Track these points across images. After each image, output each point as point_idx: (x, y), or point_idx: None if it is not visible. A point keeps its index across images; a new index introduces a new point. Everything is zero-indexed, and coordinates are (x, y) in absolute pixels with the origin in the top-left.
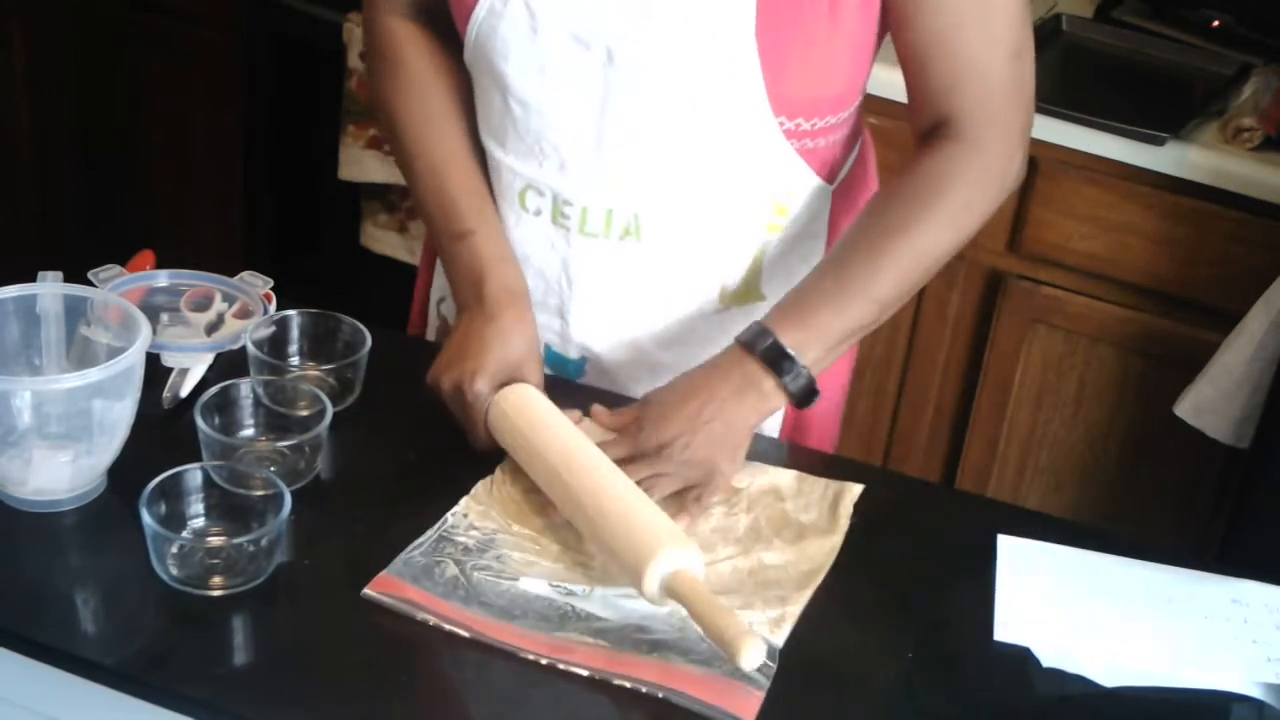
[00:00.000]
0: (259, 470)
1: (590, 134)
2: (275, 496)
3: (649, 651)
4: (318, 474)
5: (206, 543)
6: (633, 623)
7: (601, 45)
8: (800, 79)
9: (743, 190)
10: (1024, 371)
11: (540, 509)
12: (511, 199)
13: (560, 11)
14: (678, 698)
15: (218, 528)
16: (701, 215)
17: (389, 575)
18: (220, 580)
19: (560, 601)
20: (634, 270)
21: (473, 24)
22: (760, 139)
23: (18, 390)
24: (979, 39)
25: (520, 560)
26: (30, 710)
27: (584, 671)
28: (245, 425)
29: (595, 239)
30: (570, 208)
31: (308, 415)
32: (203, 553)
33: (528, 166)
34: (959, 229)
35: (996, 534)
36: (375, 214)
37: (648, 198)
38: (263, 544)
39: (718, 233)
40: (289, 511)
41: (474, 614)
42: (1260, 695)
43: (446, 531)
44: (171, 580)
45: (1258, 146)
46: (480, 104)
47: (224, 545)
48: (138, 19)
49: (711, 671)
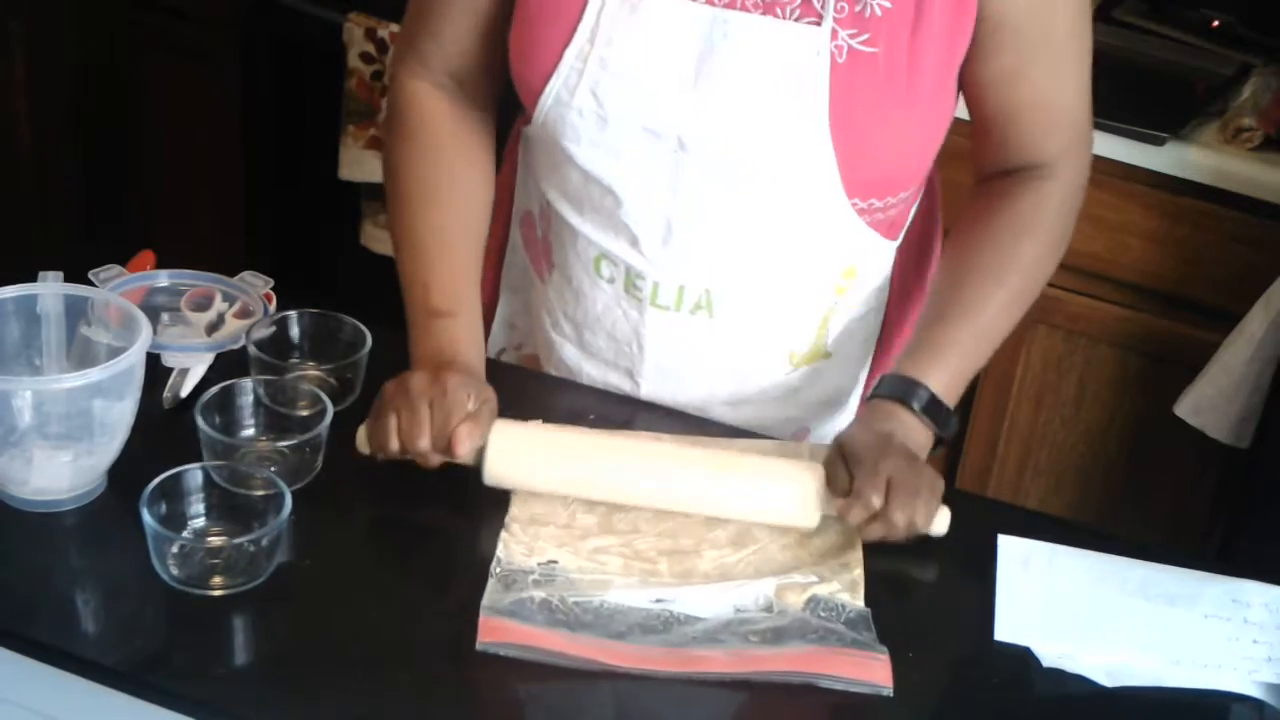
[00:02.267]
0: (259, 470)
1: (663, 216)
2: (276, 496)
3: (770, 641)
4: (318, 474)
5: (207, 543)
6: (732, 618)
7: (673, 135)
8: (875, 164)
9: (814, 263)
10: (1024, 371)
11: (581, 537)
12: (586, 264)
13: (629, 103)
14: (822, 680)
15: (218, 528)
16: (773, 289)
17: (493, 620)
18: (220, 580)
19: (657, 609)
20: (705, 340)
21: (540, 108)
22: (833, 219)
23: (18, 390)
24: (1064, 87)
25: (593, 580)
26: (30, 710)
27: (727, 677)
28: (246, 425)
29: (667, 311)
30: (643, 280)
31: (308, 415)
32: (203, 553)
33: (602, 237)
34: (1056, 259)
35: (996, 534)
36: (375, 214)
37: (720, 275)
38: (263, 544)
39: (788, 303)
40: (289, 512)
41: (591, 641)
42: (1260, 695)
43: (505, 572)
44: (171, 580)
45: (1258, 146)
46: (553, 171)
47: (224, 545)
48: (138, 19)
49: (834, 647)
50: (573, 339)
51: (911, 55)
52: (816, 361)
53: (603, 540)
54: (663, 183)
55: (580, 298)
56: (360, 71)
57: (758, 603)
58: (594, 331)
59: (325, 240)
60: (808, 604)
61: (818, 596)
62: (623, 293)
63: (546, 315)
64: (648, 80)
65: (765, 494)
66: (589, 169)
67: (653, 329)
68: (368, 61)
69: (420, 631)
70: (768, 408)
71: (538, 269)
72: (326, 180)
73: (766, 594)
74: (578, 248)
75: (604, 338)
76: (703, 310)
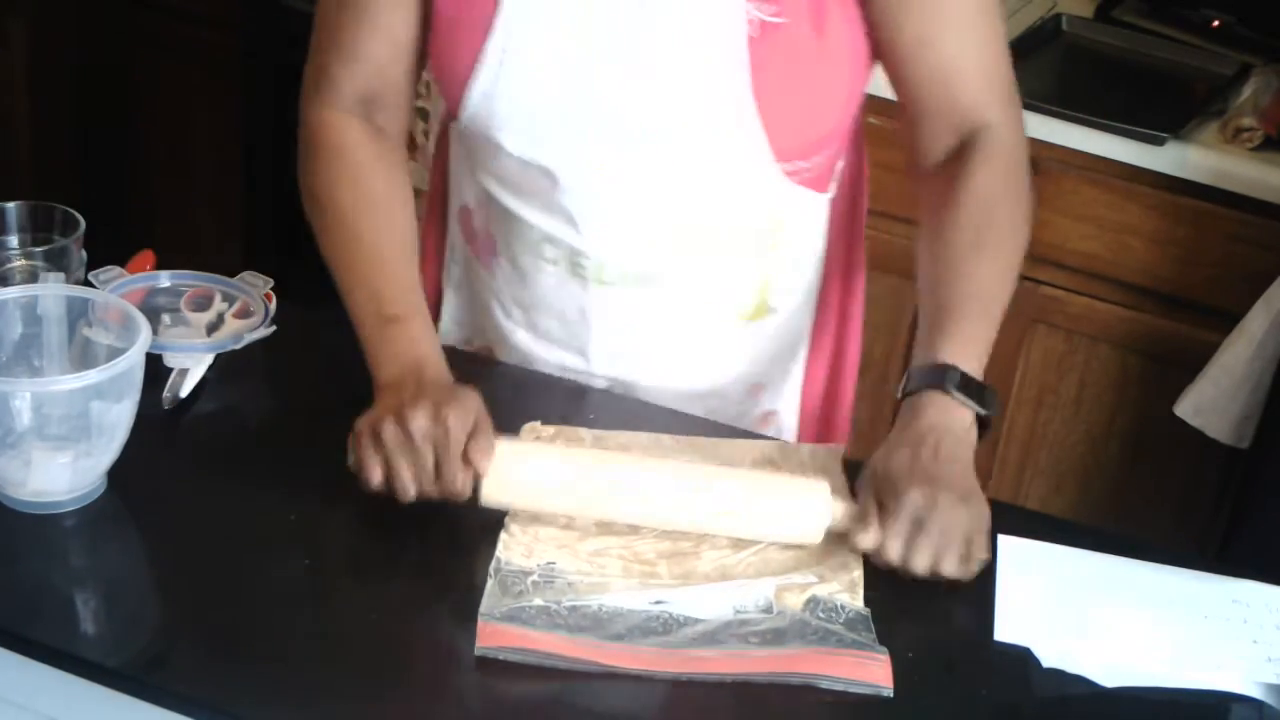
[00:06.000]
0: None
1: (598, 195)
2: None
3: (770, 642)
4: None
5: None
6: (732, 619)
7: (599, 115)
8: (800, 129)
9: (749, 225)
10: (1024, 371)
11: (580, 538)
12: (529, 247)
13: (553, 89)
14: (821, 680)
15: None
16: (712, 254)
17: (491, 625)
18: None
19: (655, 611)
20: (651, 311)
21: (467, 104)
22: (764, 182)
23: (17, 391)
24: (983, 47)
25: (592, 583)
26: (30, 710)
27: (726, 678)
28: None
29: (611, 287)
30: (585, 259)
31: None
32: None
33: (542, 220)
34: (1029, 217)
35: (996, 534)
36: None
37: (658, 247)
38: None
39: (727, 265)
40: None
41: (590, 643)
42: (1260, 695)
43: (505, 574)
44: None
45: (1258, 146)
46: (488, 161)
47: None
48: (138, 19)
49: (833, 648)
50: (523, 323)
51: (815, 19)
52: (762, 318)
53: (602, 542)
54: (595, 163)
55: (527, 281)
56: None
57: (757, 604)
58: (543, 313)
59: None
60: (807, 605)
61: (817, 597)
62: (566, 274)
63: (496, 304)
64: (568, 65)
65: (771, 520)
66: (522, 155)
67: (598, 306)
68: None
69: (420, 632)
70: (720, 369)
71: (483, 259)
72: None
73: (766, 595)
74: (520, 232)
75: (554, 319)
76: (646, 283)
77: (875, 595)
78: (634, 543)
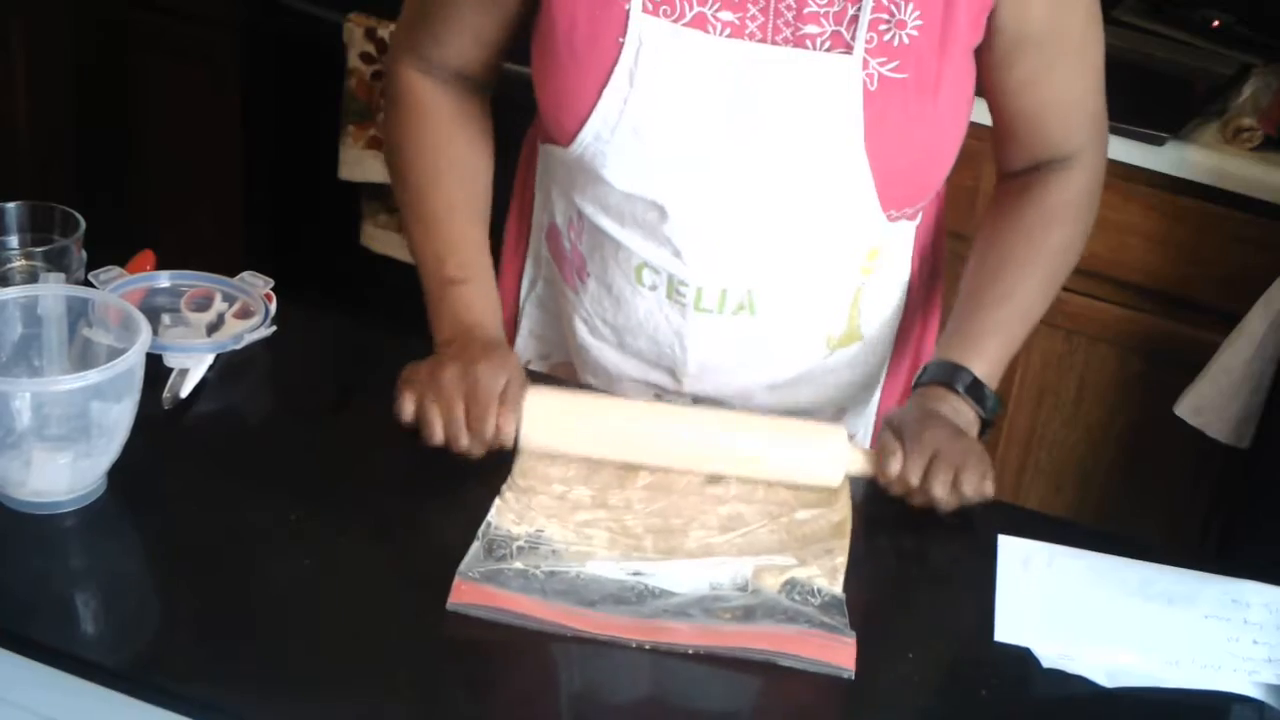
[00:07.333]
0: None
1: (704, 230)
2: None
3: (740, 619)
4: (317, 475)
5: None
6: (706, 594)
7: (713, 164)
8: (908, 180)
9: (847, 257)
10: (1023, 371)
11: (572, 509)
12: (627, 273)
13: (669, 140)
14: (783, 659)
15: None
16: (811, 285)
17: (466, 583)
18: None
19: (631, 581)
20: (747, 336)
21: (578, 144)
22: (867, 222)
23: (17, 391)
24: (1085, 84)
25: (576, 552)
26: (30, 710)
27: (689, 649)
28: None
29: (710, 314)
30: (686, 287)
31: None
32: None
33: (644, 248)
34: (1084, 241)
35: (996, 534)
36: (375, 214)
37: (760, 277)
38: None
39: (824, 295)
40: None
41: (561, 608)
42: (1260, 695)
43: (492, 537)
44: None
45: (1258, 146)
46: (589, 188)
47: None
48: (138, 19)
49: (802, 628)
50: (612, 342)
51: (932, 75)
52: (851, 344)
53: (592, 514)
54: (704, 200)
55: (621, 304)
56: (360, 72)
57: (734, 581)
58: (635, 335)
59: (325, 240)
60: (784, 586)
61: (795, 579)
62: (665, 299)
63: (581, 322)
64: (686, 117)
65: (791, 447)
66: (630, 190)
67: (695, 331)
68: (368, 62)
69: (420, 632)
70: (806, 392)
71: (569, 279)
72: (326, 180)
73: (744, 573)
74: (618, 257)
75: (645, 340)
76: (744, 310)
77: (875, 595)
78: (624, 516)
